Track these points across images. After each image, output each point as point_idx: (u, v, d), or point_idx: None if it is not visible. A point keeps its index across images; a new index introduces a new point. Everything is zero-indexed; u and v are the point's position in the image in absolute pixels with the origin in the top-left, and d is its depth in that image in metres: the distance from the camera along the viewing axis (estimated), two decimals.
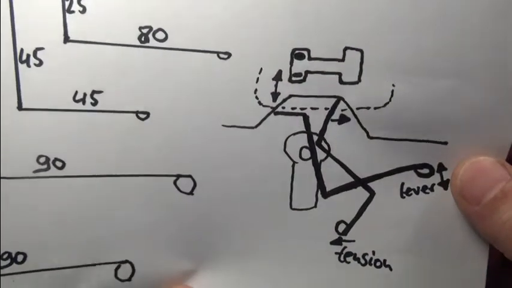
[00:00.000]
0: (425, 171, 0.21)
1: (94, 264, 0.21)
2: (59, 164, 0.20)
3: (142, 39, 0.19)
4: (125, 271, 0.21)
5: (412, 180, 0.21)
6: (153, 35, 0.19)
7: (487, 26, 0.19)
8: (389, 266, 0.22)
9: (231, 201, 0.21)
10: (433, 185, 0.21)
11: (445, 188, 0.21)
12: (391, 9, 0.19)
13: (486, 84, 0.20)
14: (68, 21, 0.18)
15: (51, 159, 0.20)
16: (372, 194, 0.21)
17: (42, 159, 0.19)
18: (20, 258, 0.20)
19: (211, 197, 0.21)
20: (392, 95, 0.20)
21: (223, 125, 0.20)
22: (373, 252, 0.22)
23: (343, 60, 0.20)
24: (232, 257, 0.22)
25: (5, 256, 0.20)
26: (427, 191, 0.21)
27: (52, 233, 0.20)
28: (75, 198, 0.20)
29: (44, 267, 0.20)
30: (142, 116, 0.20)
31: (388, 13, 0.19)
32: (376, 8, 0.19)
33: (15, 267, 0.20)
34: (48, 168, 0.20)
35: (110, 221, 0.21)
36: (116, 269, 0.21)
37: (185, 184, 0.21)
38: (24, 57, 0.18)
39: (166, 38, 0.19)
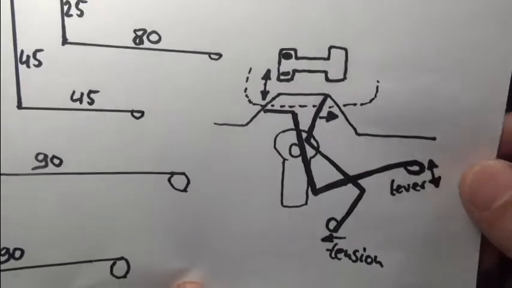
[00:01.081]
0: (415, 168, 0.21)
1: (90, 261, 0.21)
2: (56, 161, 0.20)
3: (137, 41, 0.20)
4: (120, 268, 0.22)
5: (402, 177, 0.21)
6: (147, 37, 0.20)
7: (470, 24, 0.20)
8: (380, 263, 0.22)
9: (224, 198, 0.21)
10: (424, 182, 0.21)
11: (436, 186, 0.21)
12: (373, 9, 0.20)
13: (468, 80, 0.20)
14: (66, 24, 0.19)
15: (49, 156, 0.20)
16: (362, 191, 0.21)
17: (40, 157, 0.20)
18: (17, 254, 0.21)
19: (204, 194, 0.21)
20: (377, 91, 0.20)
21: (215, 123, 0.21)
22: (364, 249, 0.22)
23: (328, 58, 0.20)
24: (225, 254, 0.22)
25: (3, 252, 0.20)
26: (418, 188, 0.21)
27: (49, 229, 0.21)
28: (72, 195, 0.21)
29: (41, 263, 0.21)
30: (137, 114, 0.20)
31: (370, 13, 0.20)
32: (360, 8, 0.20)
33: (13, 263, 0.21)
34: (46, 165, 0.20)
35: (105, 217, 0.21)
36: (112, 266, 0.21)
37: (179, 181, 0.21)
38: (24, 58, 0.19)
39: (159, 40, 0.20)
